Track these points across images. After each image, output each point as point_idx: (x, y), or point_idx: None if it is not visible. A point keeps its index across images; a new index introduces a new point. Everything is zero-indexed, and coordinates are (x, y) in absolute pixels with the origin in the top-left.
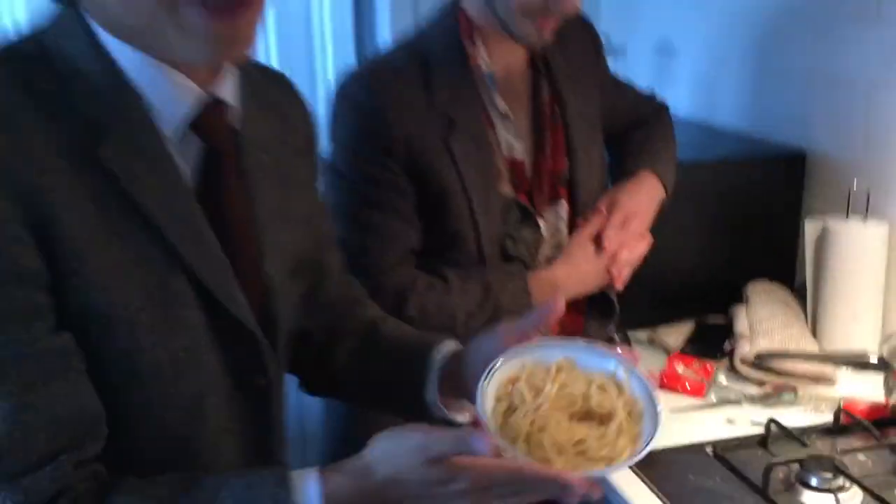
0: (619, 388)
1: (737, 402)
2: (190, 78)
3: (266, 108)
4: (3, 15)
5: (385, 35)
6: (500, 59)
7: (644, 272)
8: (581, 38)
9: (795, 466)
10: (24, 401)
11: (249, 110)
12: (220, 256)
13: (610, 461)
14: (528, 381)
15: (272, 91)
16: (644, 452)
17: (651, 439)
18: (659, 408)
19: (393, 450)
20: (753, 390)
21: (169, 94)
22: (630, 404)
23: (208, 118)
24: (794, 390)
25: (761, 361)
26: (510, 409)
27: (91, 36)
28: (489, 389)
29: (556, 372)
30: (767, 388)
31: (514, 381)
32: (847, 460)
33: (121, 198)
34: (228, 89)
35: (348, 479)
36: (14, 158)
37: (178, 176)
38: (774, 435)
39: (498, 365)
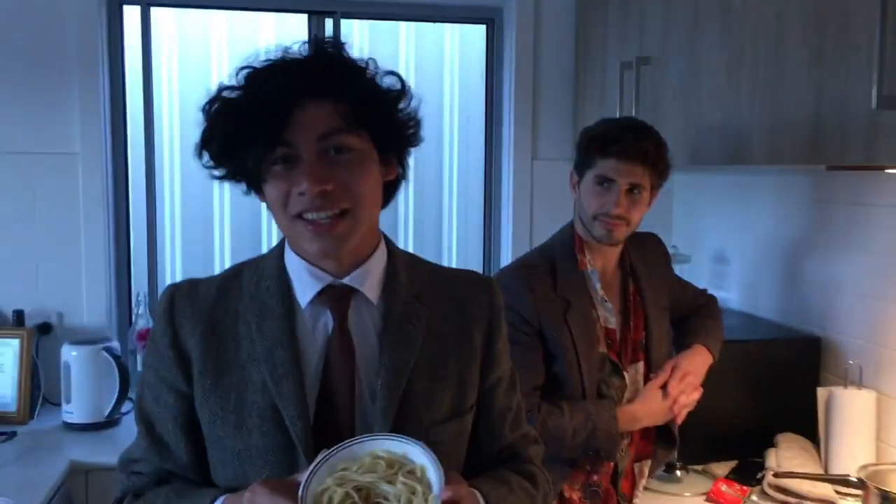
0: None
1: None
2: (324, 271)
3: (450, 300)
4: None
5: (508, 242)
6: (599, 262)
7: (698, 421)
8: (656, 251)
9: None
10: (153, 445)
11: (430, 299)
12: (297, 395)
13: None
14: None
15: (462, 290)
16: None
17: None
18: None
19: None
20: None
21: (304, 281)
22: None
23: (333, 297)
24: None
25: (779, 479)
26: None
27: (283, 245)
28: (314, 481)
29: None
30: None
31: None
32: None
33: (248, 341)
34: (359, 281)
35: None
36: (178, 328)
37: (289, 333)
38: None
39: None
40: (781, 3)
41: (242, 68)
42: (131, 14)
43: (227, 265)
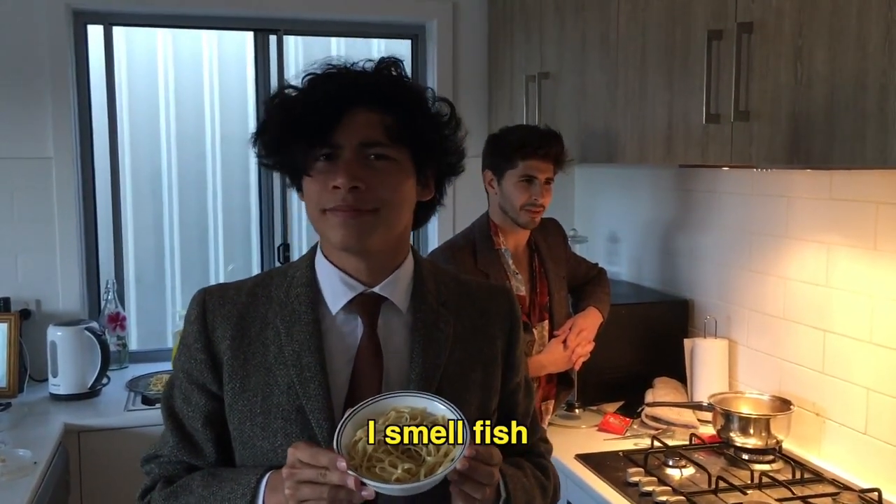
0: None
1: (641, 437)
2: (356, 279)
3: (473, 307)
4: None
5: (434, 227)
6: (511, 242)
7: (592, 368)
8: (555, 233)
9: (661, 455)
10: (182, 442)
11: (455, 305)
12: (324, 397)
13: (398, 481)
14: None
15: (483, 298)
16: (431, 478)
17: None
18: (463, 448)
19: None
20: (651, 431)
21: (336, 289)
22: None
23: (364, 305)
24: (672, 430)
25: (652, 409)
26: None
27: (313, 255)
28: (348, 427)
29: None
30: (658, 430)
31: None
32: (685, 453)
33: (276, 346)
34: (389, 290)
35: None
36: (211, 333)
37: (317, 339)
38: (657, 448)
39: (356, 409)
40: (643, 40)
41: (307, 74)
42: (94, 32)
43: (178, 257)
